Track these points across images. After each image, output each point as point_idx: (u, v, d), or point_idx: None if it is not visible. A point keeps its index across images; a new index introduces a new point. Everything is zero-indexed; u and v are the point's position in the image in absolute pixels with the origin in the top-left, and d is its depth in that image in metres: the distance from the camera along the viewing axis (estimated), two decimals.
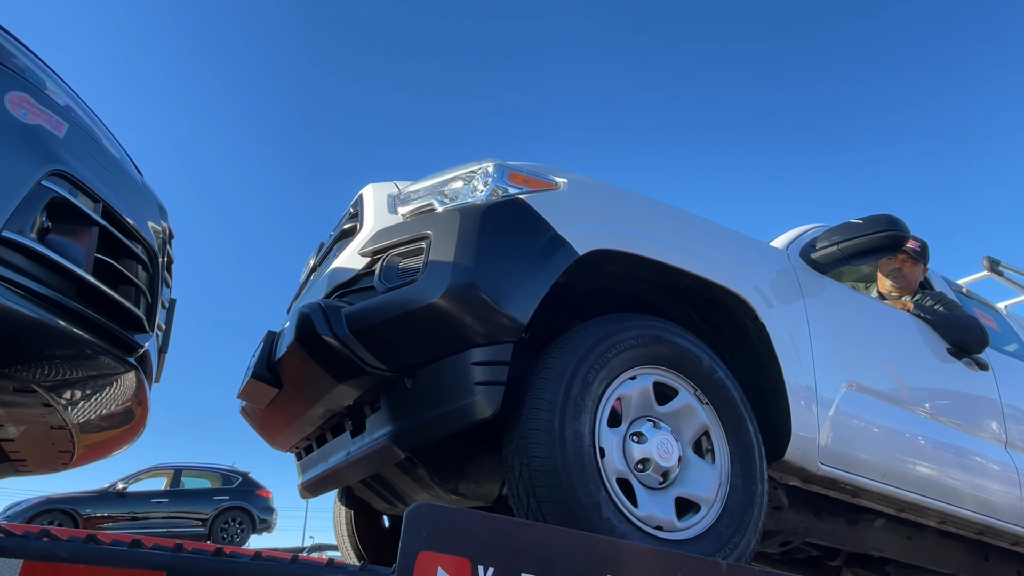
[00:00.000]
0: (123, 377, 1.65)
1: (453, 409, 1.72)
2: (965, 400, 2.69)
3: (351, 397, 1.96)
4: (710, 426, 1.95)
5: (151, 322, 1.72)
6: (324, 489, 2.46)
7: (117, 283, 1.58)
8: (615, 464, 1.77)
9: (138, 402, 1.83)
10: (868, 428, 2.31)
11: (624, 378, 1.86)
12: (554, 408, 1.70)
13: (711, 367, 1.98)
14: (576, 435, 1.69)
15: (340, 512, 2.98)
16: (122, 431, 1.98)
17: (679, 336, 1.97)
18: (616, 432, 1.82)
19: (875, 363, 2.46)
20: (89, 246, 1.47)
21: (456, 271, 1.72)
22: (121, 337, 1.56)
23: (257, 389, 2.13)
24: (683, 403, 1.92)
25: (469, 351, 1.74)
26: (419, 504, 1.34)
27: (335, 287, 1.99)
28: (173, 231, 2.05)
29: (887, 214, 2.44)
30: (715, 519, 1.88)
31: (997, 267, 3.70)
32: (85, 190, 1.49)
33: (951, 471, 2.50)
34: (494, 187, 1.93)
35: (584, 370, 1.76)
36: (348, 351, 1.78)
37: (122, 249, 1.61)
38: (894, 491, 2.35)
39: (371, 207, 2.12)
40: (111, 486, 10.80)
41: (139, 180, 1.87)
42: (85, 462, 2.14)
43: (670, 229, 2.13)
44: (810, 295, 2.39)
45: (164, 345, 2.03)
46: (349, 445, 2.09)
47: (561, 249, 1.84)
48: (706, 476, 1.89)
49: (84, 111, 1.72)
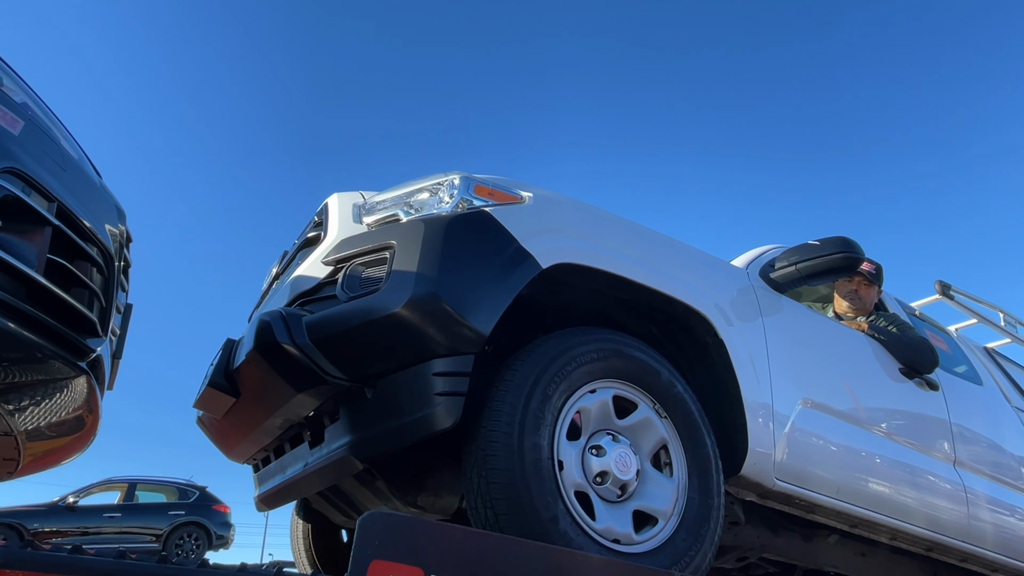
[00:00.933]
0: (73, 382, 1.61)
1: (413, 420, 1.72)
2: (916, 419, 2.76)
3: (310, 407, 1.93)
4: (668, 440, 1.96)
5: (104, 326, 1.68)
6: (281, 501, 2.41)
7: (70, 285, 1.54)
8: (573, 477, 1.78)
9: (89, 409, 1.78)
10: (822, 445, 2.36)
11: (584, 391, 1.86)
12: (513, 421, 1.69)
13: (670, 381, 2.01)
14: (535, 448, 1.69)
15: (297, 525, 2.93)
16: (71, 439, 1.93)
17: (638, 350, 1.99)
18: (575, 445, 1.83)
19: (830, 381, 2.51)
20: (41, 246, 1.44)
21: (419, 281, 1.72)
22: (72, 341, 1.52)
23: (214, 398, 2.09)
24: (642, 417, 1.94)
25: (430, 362, 1.74)
26: (373, 512, 1.33)
27: (297, 295, 1.97)
28: (131, 235, 2.01)
29: (843, 236, 2.52)
30: (672, 532, 1.89)
31: (948, 291, 3.82)
32: (39, 189, 1.45)
33: (902, 488, 2.57)
34: (460, 199, 1.94)
35: (544, 383, 1.76)
36: (308, 360, 1.77)
37: (76, 251, 1.57)
38: (847, 507, 2.40)
39: (336, 216, 2.11)
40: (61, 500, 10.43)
41: (97, 182, 1.83)
42: (32, 471, 2.07)
43: (634, 245, 2.16)
44: (768, 313, 2.44)
45: (118, 351, 1.98)
46: (307, 456, 2.06)
47: (525, 262, 1.85)
48: (664, 490, 1.91)
49: (42, 110, 1.69)
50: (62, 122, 1.82)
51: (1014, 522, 2.98)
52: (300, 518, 2.91)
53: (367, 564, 1.24)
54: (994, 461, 3.05)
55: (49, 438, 1.84)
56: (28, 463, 1.95)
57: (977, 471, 2.93)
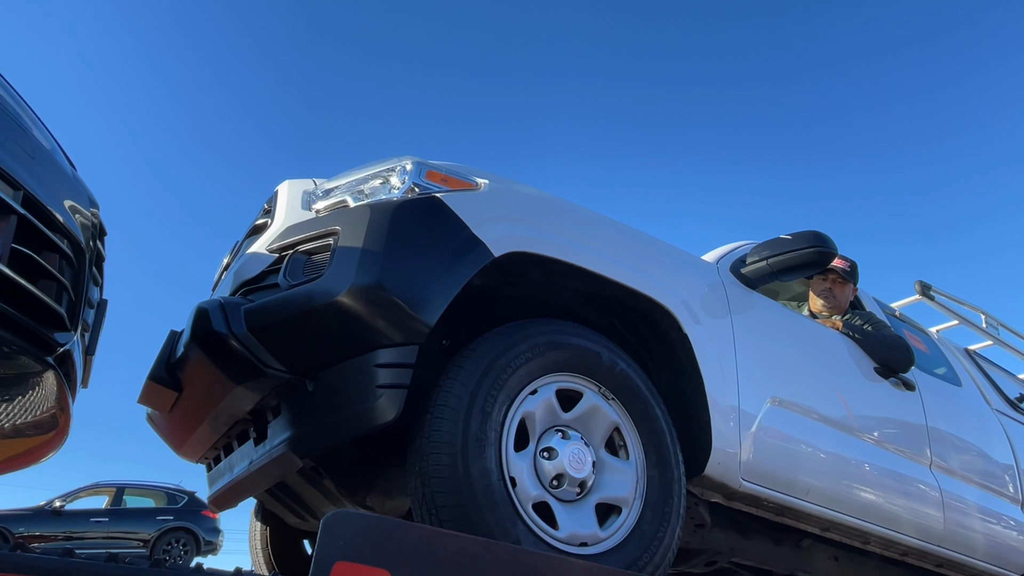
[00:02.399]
0: (40, 378, 1.52)
1: (353, 413, 1.63)
2: (891, 419, 2.69)
3: (251, 401, 1.85)
4: (619, 422, 1.89)
5: (73, 320, 1.59)
6: (232, 502, 2.31)
7: (36, 277, 1.46)
8: (528, 491, 1.69)
9: (59, 407, 1.69)
10: (792, 445, 2.28)
11: (525, 395, 1.76)
12: (455, 450, 1.58)
13: (611, 360, 1.91)
14: (483, 473, 1.58)
15: (255, 528, 2.83)
16: (42, 438, 1.84)
17: (574, 336, 1.89)
18: (525, 456, 1.73)
19: (801, 379, 2.44)
20: (5, 235, 1.37)
21: (362, 268, 1.64)
22: (37, 334, 1.44)
23: (155, 392, 2.00)
24: (589, 405, 1.85)
25: (373, 352, 1.66)
26: (337, 512, 1.26)
27: (240, 284, 1.89)
28: (106, 227, 1.92)
29: (815, 231, 2.45)
30: (637, 518, 1.82)
31: (928, 291, 3.76)
32: (3, 176, 1.39)
33: (876, 490, 2.49)
34: (410, 184, 1.86)
35: (481, 400, 1.65)
36: (245, 350, 1.68)
37: (44, 241, 1.50)
38: (818, 510, 2.32)
39: (284, 203, 2.03)
40: (48, 504, 10.26)
41: (70, 172, 1.76)
42: (4, 471, 1.98)
43: (595, 236, 2.08)
44: (738, 309, 2.37)
45: (91, 347, 1.89)
46: (252, 454, 1.97)
47: (475, 250, 1.77)
48: (623, 476, 1.84)
49: (12, 97, 1.62)
50: (35, 112, 1.75)
51: (993, 527, 2.91)
52: (258, 520, 2.81)
53: (330, 566, 1.18)
54: (972, 464, 2.98)
55: (18, 436, 1.75)
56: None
57: (955, 474, 2.85)
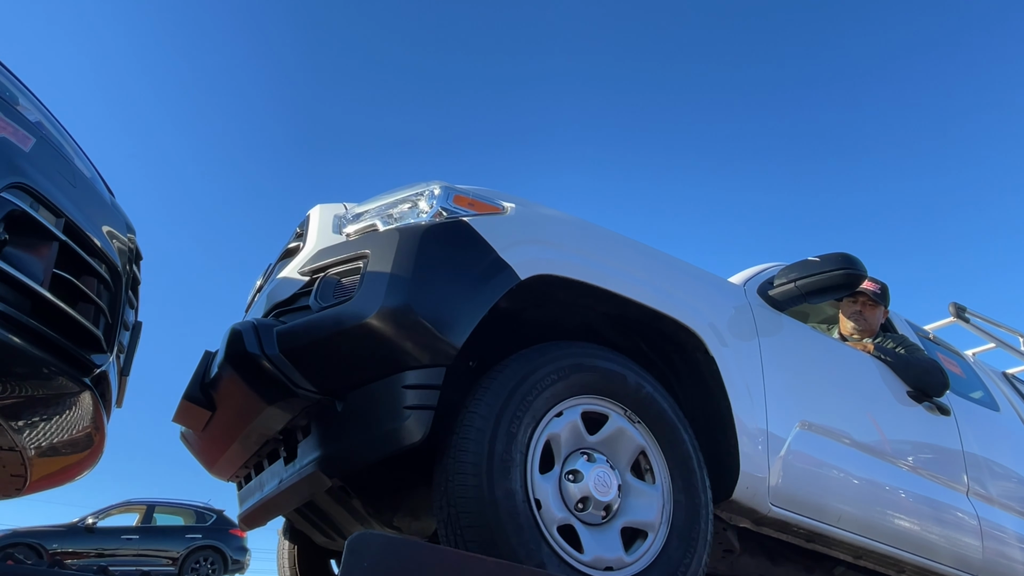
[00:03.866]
0: (77, 399, 1.59)
1: (381, 433, 1.66)
2: (925, 444, 2.63)
3: (282, 420, 1.88)
4: (645, 446, 1.87)
5: (110, 342, 1.66)
6: (261, 520, 2.35)
7: (76, 300, 1.53)
8: (553, 514, 1.68)
9: (95, 426, 1.75)
10: (822, 470, 2.25)
11: (550, 417, 1.75)
12: (480, 471, 1.58)
13: (637, 383, 1.90)
14: (508, 494, 1.58)
15: (283, 547, 2.86)
16: (77, 457, 1.90)
17: (599, 358, 1.89)
18: (550, 478, 1.73)
19: (831, 403, 2.41)
20: (48, 261, 1.44)
21: (391, 291, 1.67)
22: (76, 356, 1.50)
23: (189, 412, 2.05)
24: (614, 428, 1.85)
25: (401, 374, 1.68)
26: (363, 533, 1.27)
27: (273, 306, 1.94)
28: (142, 252, 2.00)
29: (844, 252, 2.43)
30: (664, 543, 1.80)
31: (963, 313, 3.69)
32: (47, 204, 1.46)
33: (910, 518, 2.43)
34: (438, 208, 1.90)
35: (507, 421, 1.65)
36: (277, 371, 1.72)
37: (83, 266, 1.57)
38: (849, 536, 2.27)
39: (316, 227, 2.08)
40: (80, 520, 10.48)
41: (108, 199, 1.85)
42: (40, 489, 2.05)
43: (621, 259, 2.09)
44: (765, 332, 2.35)
45: (126, 368, 1.96)
46: (282, 472, 2.01)
47: (502, 273, 1.79)
48: (649, 500, 1.82)
49: (56, 129, 1.71)
50: (76, 142, 1.84)
51: None
52: (286, 539, 2.85)
53: None
54: (1012, 491, 2.89)
55: (54, 455, 1.82)
56: (36, 480, 1.93)
57: (993, 501, 2.78)
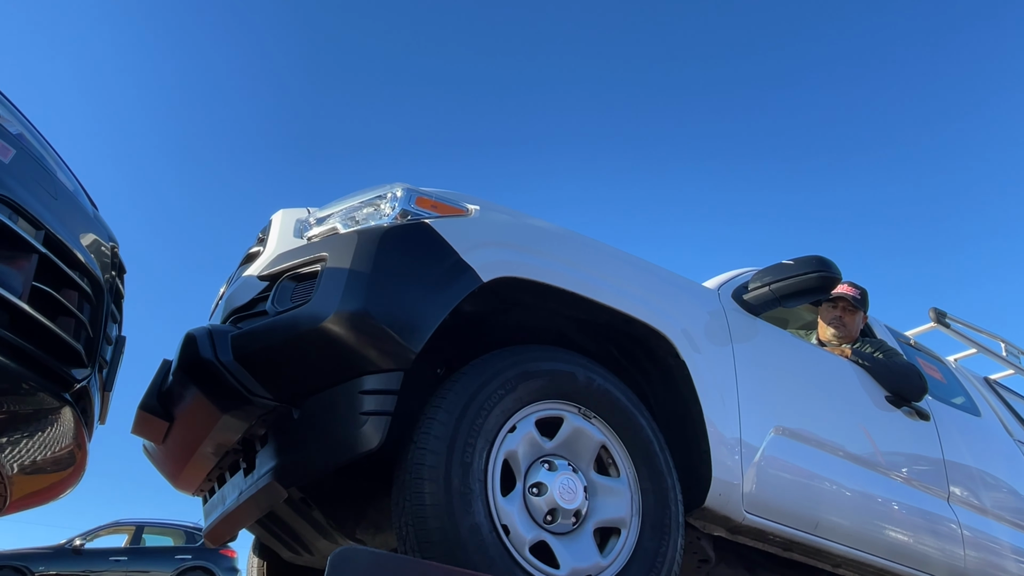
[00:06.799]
0: (57, 414, 1.53)
1: (336, 440, 1.60)
2: (904, 450, 2.60)
3: (239, 430, 1.82)
4: (605, 440, 1.83)
5: (91, 356, 1.61)
6: (225, 535, 2.27)
7: (56, 314, 1.48)
8: (523, 536, 1.62)
9: (76, 443, 1.69)
10: (798, 476, 2.20)
11: (504, 434, 1.69)
12: (440, 512, 1.49)
13: (587, 378, 1.84)
14: (473, 529, 1.51)
15: (252, 564, 2.77)
16: (59, 475, 1.84)
17: (545, 360, 1.82)
18: (514, 498, 1.66)
19: (807, 408, 2.37)
20: (27, 274, 1.40)
21: (347, 293, 1.63)
22: (55, 370, 1.45)
23: (146, 422, 1.98)
24: (571, 429, 1.79)
25: (358, 379, 1.63)
26: (346, 548, 1.22)
27: (231, 311, 1.89)
28: (125, 265, 1.95)
29: (818, 255, 2.40)
30: (637, 536, 1.77)
31: (944, 319, 3.67)
32: (27, 216, 1.43)
33: (890, 525, 2.39)
34: (400, 210, 1.86)
35: (459, 452, 1.56)
36: (231, 377, 1.67)
37: (64, 279, 1.53)
38: (829, 545, 2.22)
39: (277, 231, 2.04)
40: (68, 542, 10.28)
41: (91, 212, 1.81)
42: (22, 508, 1.98)
43: (589, 262, 2.05)
44: (739, 337, 2.31)
45: (109, 383, 1.91)
46: (242, 484, 1.94)
47: (464, 275, 1.75)
48: (617, 495, 1.78)
49: (38, 141, 1.68)
50: (59, 154, 1.80)
51: (1017, 564, 2.78)
52: (255, 555, 2.77)
53: None
54: (994, 497, 2.86)
55: (35, 473, 1.76)
56: (16, 500, 1.87)
57: (975, 507, 2.74)
